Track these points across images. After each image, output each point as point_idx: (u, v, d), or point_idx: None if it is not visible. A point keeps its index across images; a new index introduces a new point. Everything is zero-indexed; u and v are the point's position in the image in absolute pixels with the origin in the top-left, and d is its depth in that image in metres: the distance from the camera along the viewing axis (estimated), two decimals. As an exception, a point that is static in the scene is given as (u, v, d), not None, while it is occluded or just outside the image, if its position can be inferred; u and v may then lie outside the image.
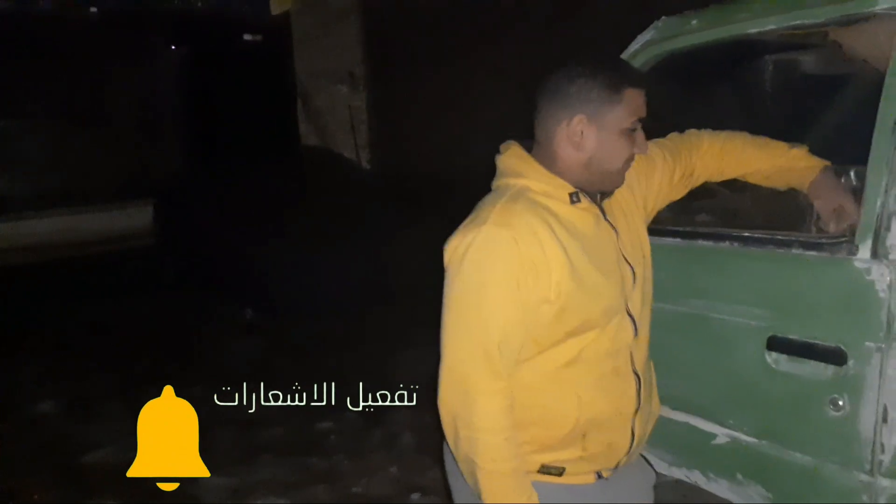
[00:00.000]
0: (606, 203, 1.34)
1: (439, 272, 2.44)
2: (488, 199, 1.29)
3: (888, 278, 1.28)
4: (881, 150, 1.31)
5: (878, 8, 1.35)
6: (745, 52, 1.99)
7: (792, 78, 2.09)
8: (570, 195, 1.27)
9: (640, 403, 1.34)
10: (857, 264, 1.32)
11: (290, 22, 9.48)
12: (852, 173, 1.53)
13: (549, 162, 1.29)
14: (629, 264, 1.33)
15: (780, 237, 1.45)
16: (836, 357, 1.34)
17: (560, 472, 1.30)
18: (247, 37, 12.14)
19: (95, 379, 4.37)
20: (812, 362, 1.39)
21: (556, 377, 1.27)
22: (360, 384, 3.91)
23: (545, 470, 1.30)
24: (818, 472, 1.42)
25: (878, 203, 1.30)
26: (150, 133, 9.90)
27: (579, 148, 1.27)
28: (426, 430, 3.47)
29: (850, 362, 1.34)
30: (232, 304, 5.46)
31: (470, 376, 1.24)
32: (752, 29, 1.50)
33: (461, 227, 1.26)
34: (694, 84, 2.01)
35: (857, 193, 1.36)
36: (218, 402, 3.90)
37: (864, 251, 1.31)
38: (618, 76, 1.26)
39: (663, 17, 1.73)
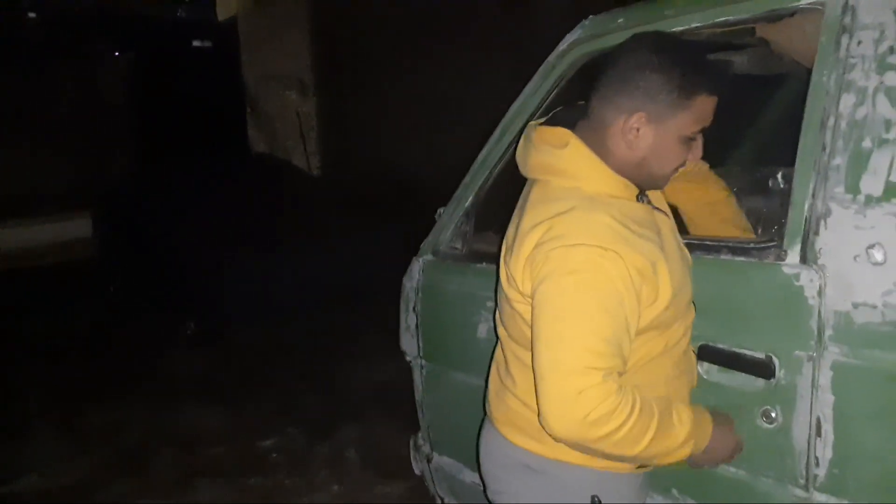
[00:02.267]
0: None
1: (390, 278, 2.36)
2: (555, 205, 1.18)
3: (818, 284, 1.23)
4: (808, 151, 1.26)
5: (803, 2, 1.31)
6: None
7: (726, 77, 2.05)
8: (637, 196, 1.25)
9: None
10: (786, 269, 1.27)
11: (238, 27, 9.30)
12: (779, 175, 1.49)
13: (602, 151, 1.22)
14: (682, 247, 1.30)
15: (708, 242, 1.40)
16: (763, 369, 1.29)
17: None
18: (195, 42, 11.90)
19: (26, 398, 4.15)
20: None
21: (646, 367, 1.25)
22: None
23: None
24: (753, 486, 1.37)
25: (807, 206, 1.25)
26: (92, 141, 9.59)
27: (632, 146, 1.19)
28: (372, 444, 3.38)
29: (781, 372, 1.28)
30: (175, 316, 5.27)
31: (578, 383, 1.11)
32: (678, 27, 1.45)
33: (541, 240, 1.16)
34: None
35: (785, 196, 1.30)
36: (156, 421, 3.78)
37: (793, 256, 1.26)
38: (694, 79, 1.16)
39: (590, 17, 1.67)
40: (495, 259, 1.79)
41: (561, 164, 1.23)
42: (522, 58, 2.01)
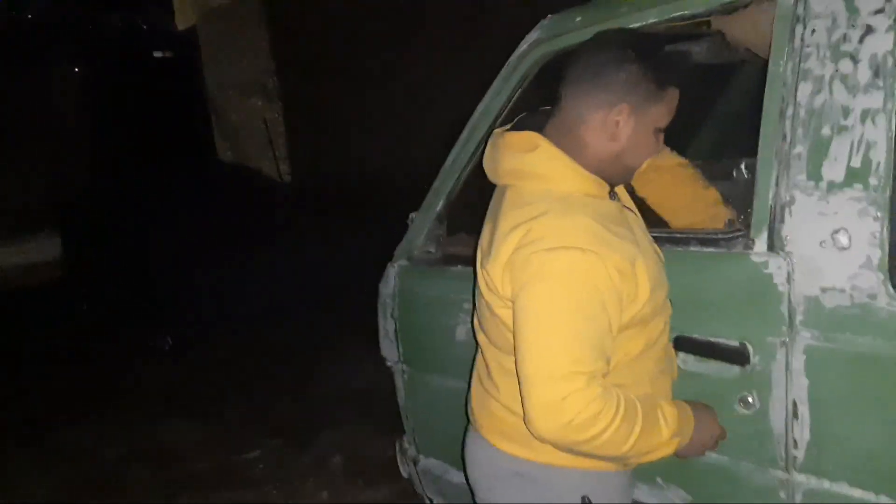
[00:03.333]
0: None
1: (364, 282, 2.34)
2: (531, 208, 1.18)
3: (786, 271, 1.25)
4: (769, 141, 1.28)
5: (757, -6, 1.33)
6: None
7: (686, 70, 2.08)
8: (609, 193, 1.26)
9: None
10: (754, 258, 1.29)
11: (198, 35, 9.17)
12: (743, 166, 1.51)
13: (575, 150, 1.21)
14: (653, 242, 1.31)
15: (677, 235, 1.42)
16: (738, 356, 1.31)
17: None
18: (156, 53, 11.72)
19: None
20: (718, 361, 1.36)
21: (630, 365, 1.25)
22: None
23: None
24: (735, 471, 1.39)
25: (771, 195, 1.27)
26: (52, 157, 9.39)
27: (614, 138, 1.20)
28: (355, 449, 3.37)
29: (756, 359, 1.30)
30: (149, 329, 5.20)
31: (562, 389, 1.11)
32: (635, 23, 1.46)
33: (520, 243, 1.15)
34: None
35: (749, 186, 1.32)
36: (132, 437, 3.72)
37: (760, 244, 1.28)
38: (667, 71, 1.20)
39: (549, 16, 1.67)
40: (470, 262, 1.80)
41: (532, 167, 1.23)
42: (490, 57, 2.01)
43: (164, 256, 5.09)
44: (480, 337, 1.39)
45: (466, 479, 1.51)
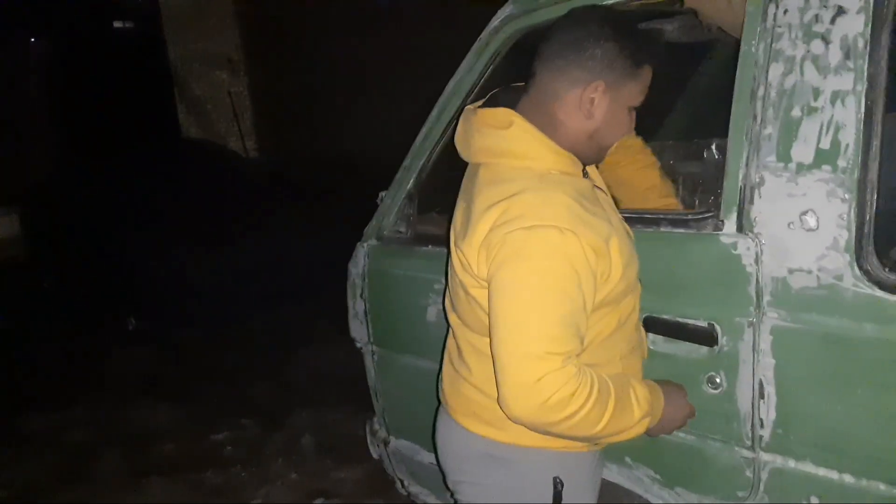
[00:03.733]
0: None
1: (333, 263, 2.31)
2: (508, 185, 1.16)
3: (754, 252, 1.26)
4: (740, 122, 1.28)
5: (730, -27, 1.32)
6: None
7: (659, 48, 2.06)
8: (582, 170, 1.26)
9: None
10: (724, 239, 1.29)
11: (160, 4, 8.88)
12: (713, 147, 1.51)
13: (549, 127, 1.20)
14: (623, 221, 1.31)
15: (647, 215, 1.41)
16: (706, 337, 1.32)
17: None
18: (117, 24, 11.35)
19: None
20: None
21: (602, 344, 1.25)
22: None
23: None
24: (702, 450, 1.41)
25: (741, 176, 1.27)
26: (10, 135, 9.08)
27: (589, 116, 1.19)
28: (327, 430, 3.36)
29: (724, 339, 1.31)
30: (116, 312, 5.10)
31: (538, 369, 1.10)
32: (608, 0, 1.44)
33: (496, 222, 1.13)
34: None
35: (720, 167, 1.32)
36: (101, 421, 3.66)
37: (730, 225, 1.29)
38: (642, 49, 1.19)
39: (522, -10, 1.64)
40: (441, 241, 1.78)
41: (507, 144, 1.21)
42: (461, 31, 1.97)
43: (128, 237, 4.96)
44: (452, 318, 1.38)
45: (437, 460, 1.50)
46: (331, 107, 6.71)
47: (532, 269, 1.11)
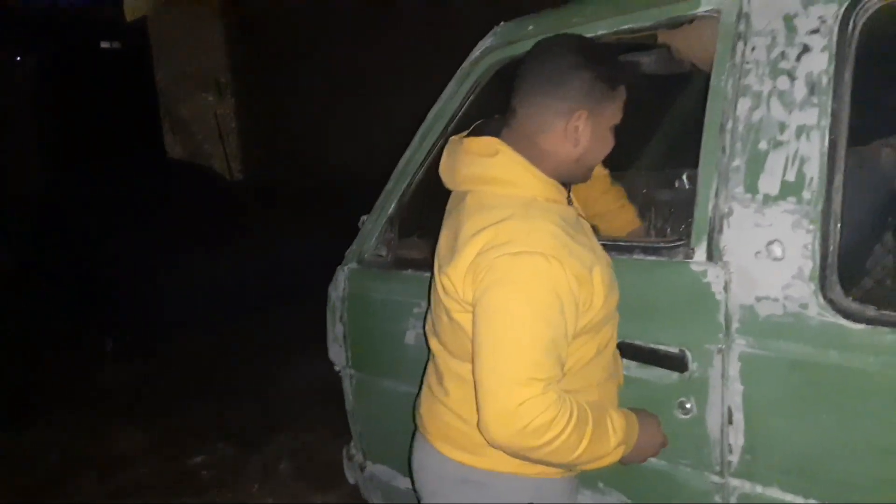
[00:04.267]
0: None
1: (316, 281, 2.31)
2: (495, 212, 1.18)
3: (723, 280, 1.29)
4: (710, 153, 1.32)
5: (701, 10, 1.37)
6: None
7: (637, 80, 2.12)
8: (567, 198, 1.29)
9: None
10: (694, 267, 1.32)
11: (148, 27, 8.94)
12: (685, 177, 1.55)
13: (536, 156, 1.23)
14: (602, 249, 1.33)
15: (621, 243, 1.45)
16: (677, 363, 1.34)
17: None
18: (104, 44, 11.36)
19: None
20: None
21: (580, 372, 1.27)
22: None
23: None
24: (673, 475, 1.43)
25: (710, 206, 1.31)
26: (-7, 151, 9.02)
27: (576, 143, 1.22)
28: (304, 454, 3.33)
29: (694, 365, 1.34)
30: (95, 329, 5.04)
31: (519, 394, 1.12)
32: (586, 34, 1.48)
33: (484, 247, 1.15)
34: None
35: (691, 196, 1.36)
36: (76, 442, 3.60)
37: (700, 254, 1.32)
38: (615, 70, 1.23)
39: (502, 23, 1.69)
40: (421, 265, 1.80)
41: (493, 172, 1.24)
42: (444, 55, 2.01)
43: (111, 254, 4.93)
44: (433, 343, 1.39)
45: (413, 486, 1.51)
46: (316, 129, 6.75)
47: (517, 294, 1.12)
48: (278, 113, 7.23)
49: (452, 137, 1.36)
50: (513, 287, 1.12)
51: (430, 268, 1.35)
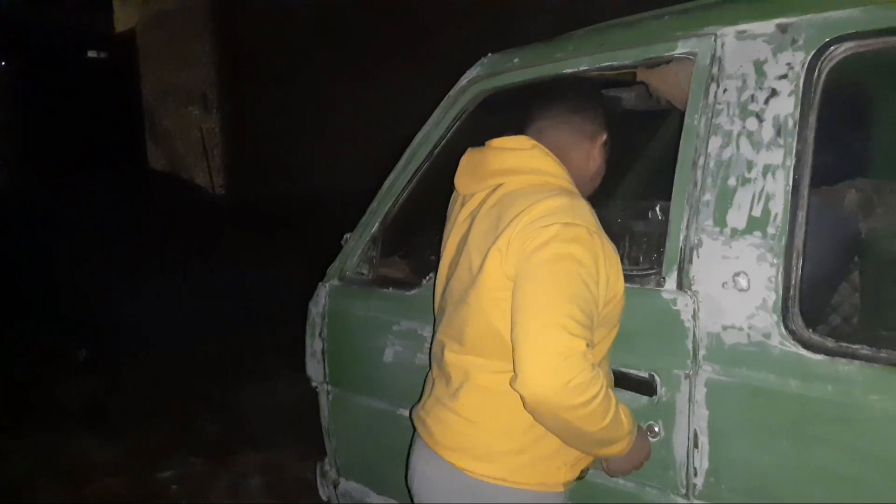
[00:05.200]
0: None
1: (294, 298, 2.33)
2: (537, 194, 1.28)
3: (692, 308, 1.35)
4: (682, 187, 1.38)
5: (677, 52, 1.44)
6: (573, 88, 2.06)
7: (616, 114, 2.20)
8: None
9: None
10: (665, 295, 1.38)
11: (137, 40, 8.95)
12: (658, 209, 1.61)
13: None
14: None
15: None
16: (646, 387, 1.39)
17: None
18: (91, 53, 11.33)
19: None
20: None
21: (600, 366, 1.30)
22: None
23: (582, 475, 1.40)
24: (640, 496, 1.47)
25: (681, 237, 1.37)
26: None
27: (595, 162, 1.44)
28: (275, 470, 3.32)
29: (662, 389, 1.39)
30: (65, 342, 4.98)
31: (569, 345, 1.15)
32: (568, 69, 1.56)
33: (533, 217, 1.23)
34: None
35: (664, 227, 1.42)
36: (41, 453, 3.55)
37: (671, 282, 1.38)
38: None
39: (489, 54, 1.75)
40: (402, 285, 1.84)
41: (532, 163, 1.36)
42: (428, 74, 2.08)
43: (85, 266, 4.88)
44: (449, 351, 1.40)
45: (412, 499, 1.51)
46: (301, 146, 6.78)
47: (567, 257, 1.19)
48: (264, 128, 7.26)
49: (469, 148, 1.47)
50: (562, 248, 1.20)
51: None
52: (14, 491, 3.23)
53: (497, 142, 1.42)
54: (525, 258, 1.22)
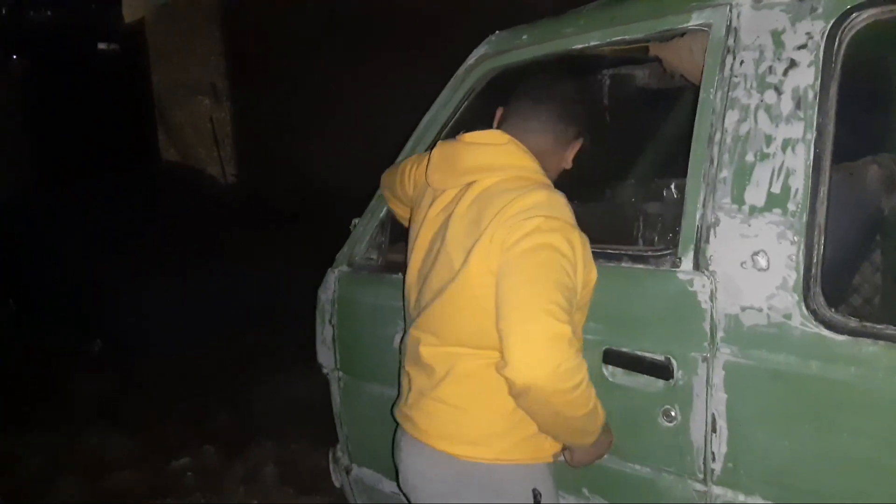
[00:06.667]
0: None
1: (303, 290, 2.31)
2: (517, 190, 1.29)
3: (709, 289, 1.30)
4: (698, 164, 1.33)
5: (691, 24, 1.39)
6: (582, 66, 2.01)
7: (629, 92, 2.15)
8: None
9: None
10: (681, 276, 1.34)
11: (146, 31, 8.94)
12: (673, 186, 1.56)
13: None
14: None
15: (609, 251, 1.46)
16: (662, 370, 1.35)
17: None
18: (101, 45, 11.34)
19: None
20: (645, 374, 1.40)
21: None
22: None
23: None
24: (656, 483, 1.43)
25: (698, 216, 1.33)
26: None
27: (567, 164, 1.45)
28: (289, 459, 3.32)
29: (679, 373, 1.35)
30: (79, 337, 5.00)
31: (558, 330, 1.17)
32: (578, 44, 1.51)
33: (516, 210, 1.25)
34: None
35: (679, 206, 1.38)
36: (57, 447, 3.57)
37: (687, 263, 1.33)
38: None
39: (497, 32, 1.71)
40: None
41: (506, 159, 1.35)
42: (439, 63, 2.03)
43: (99, 260, 4.89)
44: (424, 344, 1.39)
45: (400, 489, 1.50)
46: (311, 135, 6.76)
47: (548, 245, 1.22)
48: (274, 118, 7.24)
49: (440, 141, 1.43)
50: (544, 238, 1.22)
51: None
52: (31, 484, 3.24)
53: (470, 136, 1.39)
54: (508, 249, 1.23)
